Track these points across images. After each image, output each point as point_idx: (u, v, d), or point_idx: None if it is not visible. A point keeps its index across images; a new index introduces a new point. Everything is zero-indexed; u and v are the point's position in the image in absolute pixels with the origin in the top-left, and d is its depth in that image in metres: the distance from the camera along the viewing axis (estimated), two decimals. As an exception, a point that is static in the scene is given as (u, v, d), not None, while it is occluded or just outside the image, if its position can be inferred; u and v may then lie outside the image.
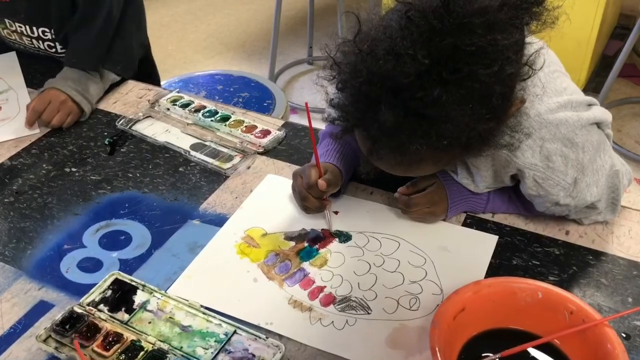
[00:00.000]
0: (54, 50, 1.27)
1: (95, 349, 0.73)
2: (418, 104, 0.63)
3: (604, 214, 0.89)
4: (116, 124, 1.13)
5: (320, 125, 1.07)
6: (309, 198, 0.90)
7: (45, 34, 1.25)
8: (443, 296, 0.81)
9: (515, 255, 0.86)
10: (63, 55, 1.23)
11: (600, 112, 0.84)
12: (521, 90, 0.71)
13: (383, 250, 0.89)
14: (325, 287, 0.84)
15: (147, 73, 1.40)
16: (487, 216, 0.92)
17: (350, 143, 0.96)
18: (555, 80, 0.82)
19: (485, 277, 0.82)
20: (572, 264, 0.84)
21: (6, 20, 1.26)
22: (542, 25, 0.69)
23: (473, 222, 0.92)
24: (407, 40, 0.62)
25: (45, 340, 0.75)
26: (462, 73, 0.62)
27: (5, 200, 0.97)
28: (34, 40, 1.27)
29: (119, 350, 0.73)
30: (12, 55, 1.33)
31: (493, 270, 0.84)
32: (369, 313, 0.80)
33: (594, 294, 0.80)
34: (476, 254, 0.87)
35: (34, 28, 1.24)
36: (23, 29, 1.25)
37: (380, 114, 0.65)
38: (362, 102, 0.67)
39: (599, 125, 0.84)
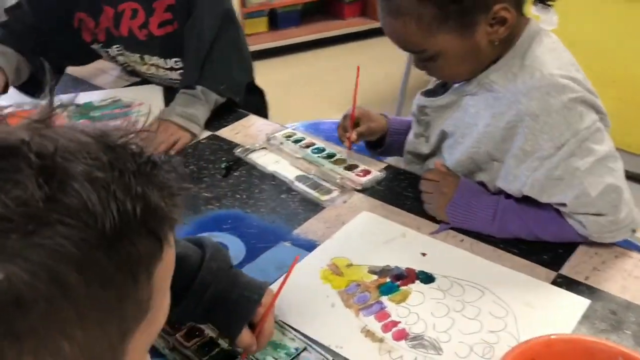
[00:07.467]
0: None
1: (179, 337, 0.80)
2: None
3: (608, 216, 0.88)
4: (234, 151, 1.24)
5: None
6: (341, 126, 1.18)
7: (177, 63, 1.41)
8: (519, 350, 0.79)
9: (604, 322, 0.81)
10: None
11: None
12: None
13: (465, 297, 0.88)
14: (400, 322, 0.84)
15: (255, 102, 1.51)
16: (580, 277, 0.89)
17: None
18: (572, 68, 0.92)
19: (569, 339, 0.79)
20: (669, 340, 0.78)
21: (145, 56, 1.43)
22: None
23: (564, 282, 0.88)
24: None
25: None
26: None
27: (129, 204, 1.10)
28: (167, 72, 1.43)
29: (198, 344, 0.79)
30: (157, 87, 1.50)
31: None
32: (439, 354, 0.79)
33: (689, 373, 0.73)
34: (562, 315, 0.84)
35: (167, 60, 1.41)
36: (159, 61, 1.42)
37: None
38: None
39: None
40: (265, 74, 3.31)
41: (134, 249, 0.37)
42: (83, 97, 1.47)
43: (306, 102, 3.20)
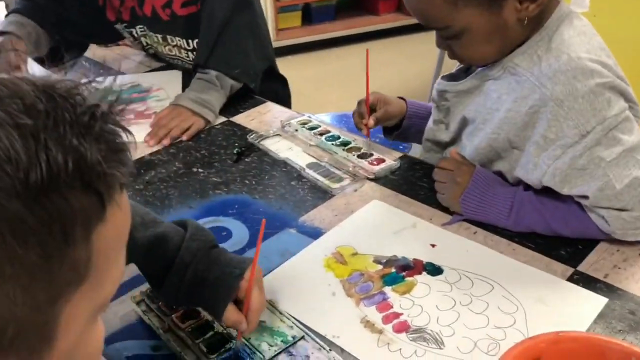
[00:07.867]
0: None
1: (174, 319, 0.78)
2: None
3: (633, 211, 0.83)
4: (247, 137, 1.21)
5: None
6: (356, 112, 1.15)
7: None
8: (526, 347, 0.74)
9: (621, 322, 0.76)
10: None
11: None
12: None
13: (474, 290, 0.84)
14: (402, 314, 0.81)
15: (276, 90, 1.48)
16: (599, 275, 0.83)
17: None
18: (602, 53, 0.87)
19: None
20: (692, 344, 0.72)
21: (168, 37, 1.43)
22: None
23: (580, 279, 0.83)
24: None
25: (138, 303, 0.82)
26: None
27: (136, 187, 1.09)
28: (189, 53, 1.42)
29: (193, 326, 0.77)
30: (177, 73, 1.50)
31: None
32: (441, 348, 0.75)
33: None
34: (577, 313, 0.79)
35: (189, 41, 1.39)
36: (181, 42, 1.41)
37: None
38: None
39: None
40: (297, 69, 3.30)
41: (65, 204, 0.34)
42: (103, 82, 1.47)
43: (337, 96, 3.16)
